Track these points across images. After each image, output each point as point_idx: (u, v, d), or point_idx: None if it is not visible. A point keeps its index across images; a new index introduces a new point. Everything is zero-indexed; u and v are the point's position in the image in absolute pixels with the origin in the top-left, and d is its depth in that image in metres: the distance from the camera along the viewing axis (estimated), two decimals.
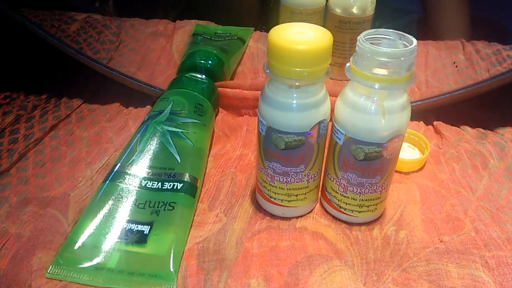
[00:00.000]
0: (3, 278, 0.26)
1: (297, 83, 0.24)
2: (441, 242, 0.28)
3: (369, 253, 0.27)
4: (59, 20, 0.46)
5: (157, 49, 0.50)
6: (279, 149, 0.26)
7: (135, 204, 0.29)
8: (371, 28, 0.25)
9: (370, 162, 0.26)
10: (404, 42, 0.24)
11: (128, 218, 0.28)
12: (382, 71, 0.24)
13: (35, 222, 0.29)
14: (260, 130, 0.27)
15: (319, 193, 0.31)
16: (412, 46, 0.23)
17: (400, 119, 0.25)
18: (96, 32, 0.48)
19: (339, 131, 0.26)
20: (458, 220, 0.30)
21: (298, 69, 0.23)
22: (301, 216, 0.30)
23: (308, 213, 0.31)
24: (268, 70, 0.25)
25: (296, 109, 0.25)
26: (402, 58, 0.23)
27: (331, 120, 0.27)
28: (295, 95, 0.25)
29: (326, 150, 0.29)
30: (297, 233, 0.29)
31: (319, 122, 0.26)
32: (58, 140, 0.38)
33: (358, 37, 0.24)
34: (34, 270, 0.26)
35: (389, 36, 0.25)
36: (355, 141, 0.25)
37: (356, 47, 0.24)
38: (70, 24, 0.47)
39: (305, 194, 0.29)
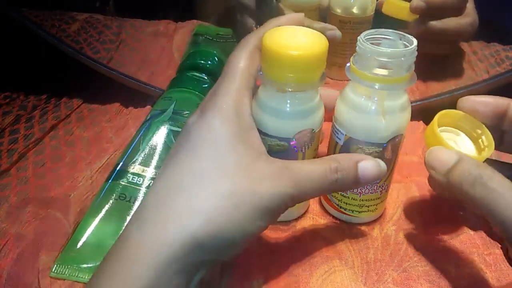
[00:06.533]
0: (9, 280, 0.26)
1: (288, 89, 0.23)
2: (441, 242, 0.28)
3: (369, 253, 0.27)
4: (59, 20, 0.46)
5: (158, 49, 0.50)
6: None
7: (138, 203, 0.29)
8: (372, 28, 0.25)
9: None
10: (405, 42, 0.24)
11: (131, 217, 0.28)
12: (383, 71, 0.24)
13: (35, 222, 0.29)
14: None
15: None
16: (412, 46, 0.23)
17: (401, 119, 0.25)
18: (96, 32, 0.48)
19: (339, 131, 0.26)
20: (457, 219, 0.30)
21: (288, 75, 0.23)
22: (301, 217, 0.30)
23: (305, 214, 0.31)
24: (261, 73, 0.24)
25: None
26: (402, 58, 0.23)
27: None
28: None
29: (326, 150, 0.29)
30: (297, 233, 0.29)
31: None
32: (58, 140, 0.38)
33: (359, 37, 0.24)
34: (40, 271, 0.26)
35: (389, 36, 0.25)
36: (355, 141, 0.25)
37: (357, 47, 0.24)
38: (70, 24, 0.47)
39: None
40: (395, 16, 0.39)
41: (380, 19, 0.41)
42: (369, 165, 0.23)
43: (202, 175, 0.21)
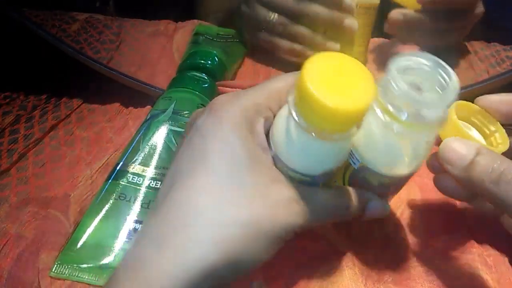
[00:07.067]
0: (9, 280, 0.26)
1: (313, 134, 0.20)
2: (441, 242, 0.28)
3: (369, 253, 0.27)
4: (60, 20, 0.46)
5: (158, 49, 0.50)
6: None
7: (138, 203, 0.29)
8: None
9: (382, 187, 0.24)
10: (441, 71, 0.20)
11: (130, 217, 0.28)
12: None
13: (35, 222, 0.29)
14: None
15: None
16: (453, 84, 0.19)
17: (424, 155, 0.23)
18: (96, 32, 0.48)
19: (355, 156, 0.23)
20: (457, 219, 0.30)
21: (320, 123, 0.19)
22: None
23: None
24: (291, 100, 0.20)
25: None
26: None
27: None
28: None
29: None
30: (298, 234, 0.29)
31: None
32: (58, 140, 0.38)
33: (390, 68, 0.19)
34: (40, 270, 0.26)
35: (426, 62, 0.20)
36: (371, 171, 0.23)
37: (386, 80, 0.20)
38: (71, 24, 0.47)
39: None
40: (402, 4, 0.39)
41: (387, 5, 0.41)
42: (376, 206, 0.24)
43: (221, 197, 0.20)
